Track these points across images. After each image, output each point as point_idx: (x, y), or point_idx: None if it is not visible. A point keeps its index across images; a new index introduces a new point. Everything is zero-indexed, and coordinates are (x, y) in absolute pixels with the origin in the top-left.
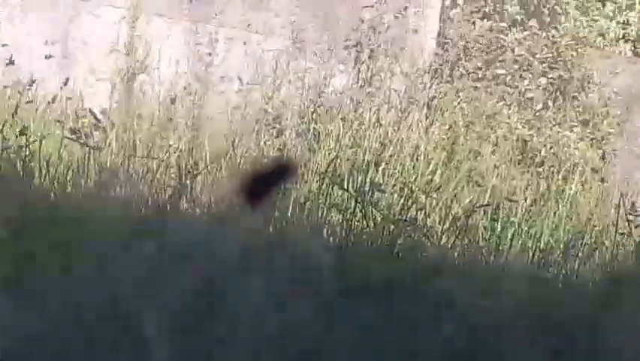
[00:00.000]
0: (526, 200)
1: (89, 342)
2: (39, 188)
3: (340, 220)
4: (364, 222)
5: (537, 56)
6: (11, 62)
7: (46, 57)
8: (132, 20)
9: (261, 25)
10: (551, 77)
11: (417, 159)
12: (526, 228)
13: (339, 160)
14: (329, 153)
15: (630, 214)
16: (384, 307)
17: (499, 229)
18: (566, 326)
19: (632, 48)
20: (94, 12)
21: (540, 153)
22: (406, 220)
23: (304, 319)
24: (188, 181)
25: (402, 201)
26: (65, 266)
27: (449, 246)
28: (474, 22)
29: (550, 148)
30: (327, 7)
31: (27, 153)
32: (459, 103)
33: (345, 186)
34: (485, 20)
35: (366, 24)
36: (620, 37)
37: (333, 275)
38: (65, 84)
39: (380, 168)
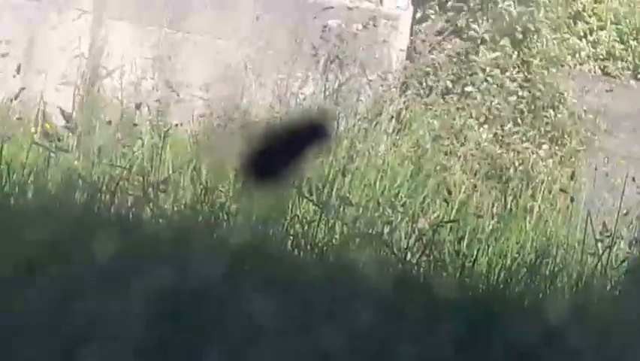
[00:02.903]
0: (493, 217)
1: None
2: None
3: (304, 233)
4: (330, 236)
5: (507, 74)
6: None
7: (2, 55)
8: (96, 24)
9: (228, 31)
10: (522, 95)
11: (384, 172)
12: (492, 245)
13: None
14: None
15: (601, 234)
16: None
17: (465, 246)
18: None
19: (602, 67)
20: (58, 14)
21: (508, 169)
22: (371, 234)
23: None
24: (151, 189)
25: (368, 214)
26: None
27: (414, 262)
28: (444, 39)
29: (519, 165)
30: (295, 15)
31: None
32: (427, 117)
33: (312, 198)
34: (456, 39)
35: (335, 32)
36: (590, 55)
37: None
38: (25, 87)
39: (346, 180)
